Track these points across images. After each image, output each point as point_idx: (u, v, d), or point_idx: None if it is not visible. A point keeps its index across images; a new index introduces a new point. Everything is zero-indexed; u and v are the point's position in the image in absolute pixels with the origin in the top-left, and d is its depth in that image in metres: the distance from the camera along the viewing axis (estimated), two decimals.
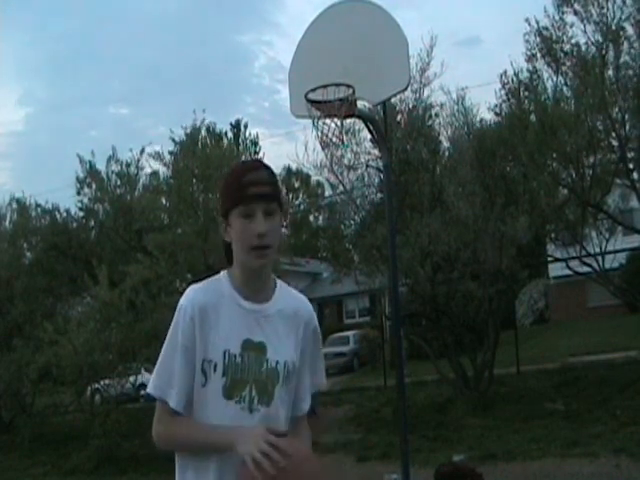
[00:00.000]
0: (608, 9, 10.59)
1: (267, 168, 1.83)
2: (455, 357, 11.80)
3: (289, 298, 1.90)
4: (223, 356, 1.76)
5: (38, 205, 15.79)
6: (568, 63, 11.06)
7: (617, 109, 10.88)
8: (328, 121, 5.67)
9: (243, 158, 14.04)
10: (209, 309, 1.79)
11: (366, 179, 12.10)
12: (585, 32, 10.82)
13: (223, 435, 1.73)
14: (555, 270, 21.34)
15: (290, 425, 1.87)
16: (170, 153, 13.84)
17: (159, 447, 1.81)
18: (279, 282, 1.91)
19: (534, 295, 25.41)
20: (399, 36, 5.80)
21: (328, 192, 13.32)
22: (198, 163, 12.61)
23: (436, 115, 12.07)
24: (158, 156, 13.90)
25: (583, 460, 7.61)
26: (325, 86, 5.44)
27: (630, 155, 11.29)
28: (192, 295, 1.81)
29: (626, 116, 10.92)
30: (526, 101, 11.38)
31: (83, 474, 11.04)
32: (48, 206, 15.79)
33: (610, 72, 10.86)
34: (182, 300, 1.81)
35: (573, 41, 10.97)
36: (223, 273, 1.86)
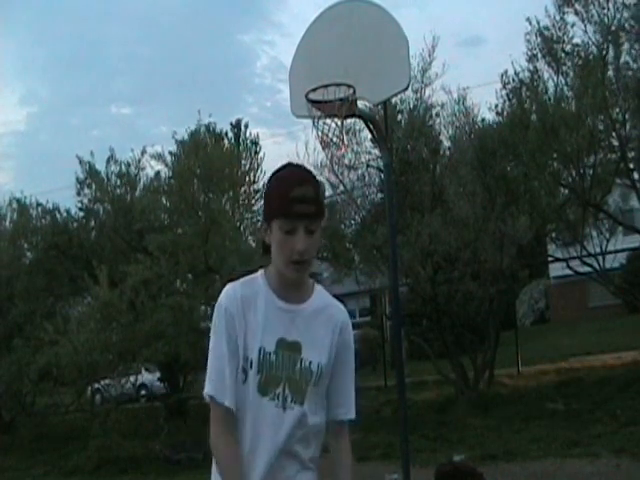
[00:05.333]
0: (609, 9, 10.60)
1: (314, 182, 1.83)
2: (455, 357, 11.79)
3: (326, 301, 1.93)
4: (258, 353, 1.80)
5: (39, 204, 15.79)
6: (569, 63, 11.06)
7: (618, 109, 10.88)
8: (328, 121, 5.67)
9: (244, 158, 14.00)
10: (247, 305, 1.83)
11: (367, 179, 12.10)
12: (586, 32, 10.83)
13: None
14: (555, 270, 21.36)
15: (329, 432, 1.92)
16: (170, 154, 13.84)
17: (213, 449, 1.82)
18: (318, 287, 1.94)
19: (535, 295, 25.45)
20: (400, 36, 5.79)
21: (328, 192, 13.31)
22: (200, 163, 12.60)
23: (437, 115, 12.06)
24: (159, 156, 13.90)
25: (583, 460, 7.60)
26: (326, 86, 5.44)
27: (631, 155, 11.29)
28: (231, 292, 1.85)
29: (626, 116, 10.92)
30: (527, 101, 11.37)
31: (83, 474, 11.02)
32: (49, 206, 15.80)
33: (611, 72, 10.86)
34: (222, 298, 1.85)
35: (574, 41, 10.98)
36: (260, 272, 1.90)
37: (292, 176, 1.83)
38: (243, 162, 13.84)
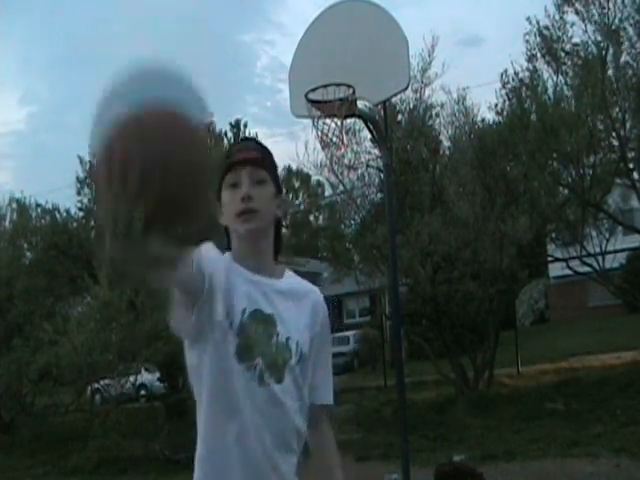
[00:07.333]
0: (609, 9, 10.60)
1: (257, 142, 1.80)
2: (455, 357, 11.80)
3: (300, 282, 1.82)
4: (241, 314, 1.65)
5: (38, 205, 15.80)
6: (569, 63, 11.07)
7: (617, 109, 10.88)
8: (328, 121, 5.67)
9: None
10: (228, 269, 1.68)
11: (366, 179, 12.10)
12: (586, 31, 10.84)
13: None
14: (555, 270, 21.34)
15: (309, 416, 1.75)
16: None
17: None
18: (289, 271, 1.82)
19: (534, 295, 25.41)
20: (399, 36, 5.79)
21: (328, 192, 13.34)
22: None
23: (437, 115, 12.07)
24: None
25: (583, 460, 7.60)
26: (325, 86, 5.44)
27: (630, 155, 11.29)
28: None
29: (626, 116, 10.92)
30: (527, 100, 11.37)
31: (83, 474, 11.03)
32: (48, 206, 15.81)
33: (610, 72, 10.86)
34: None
35: (574, 41, 10.99)
36: (226, 254, 1.76)
37: (234, 142, 1.89)
38: None
